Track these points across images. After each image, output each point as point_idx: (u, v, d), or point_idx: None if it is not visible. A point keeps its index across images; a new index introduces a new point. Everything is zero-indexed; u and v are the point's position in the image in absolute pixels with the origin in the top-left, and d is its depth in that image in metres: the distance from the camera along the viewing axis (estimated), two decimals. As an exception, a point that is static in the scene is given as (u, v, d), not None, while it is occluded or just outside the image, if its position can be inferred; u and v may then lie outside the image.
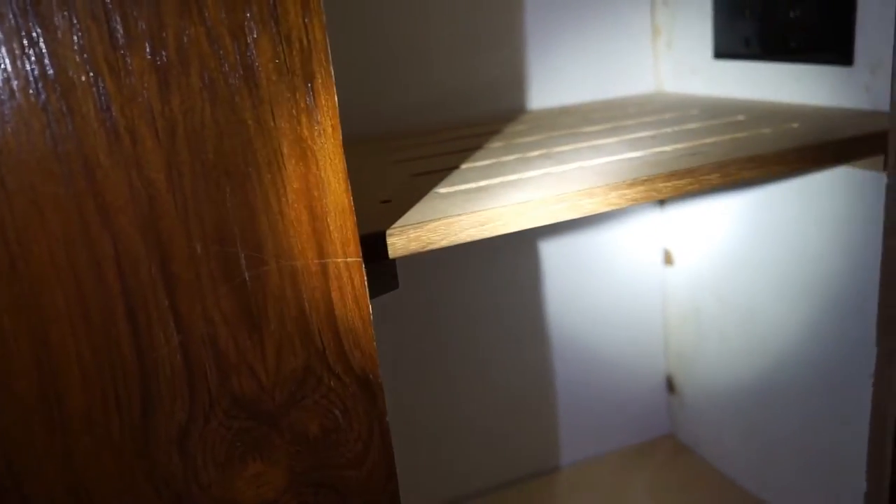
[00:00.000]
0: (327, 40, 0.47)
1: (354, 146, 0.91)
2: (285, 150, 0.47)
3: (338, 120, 0.48)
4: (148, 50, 0.44)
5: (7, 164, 0.42)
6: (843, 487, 0.89)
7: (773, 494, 1.03)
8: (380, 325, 0.55)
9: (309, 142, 0.48)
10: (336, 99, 0.48)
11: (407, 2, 0.96)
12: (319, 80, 0.47)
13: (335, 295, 0.51)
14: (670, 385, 1.22)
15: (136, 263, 0.46)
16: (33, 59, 0.42)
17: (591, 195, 0.62)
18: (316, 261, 0.50)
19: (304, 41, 0.46)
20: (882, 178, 0.75)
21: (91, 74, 0.43)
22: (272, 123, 0.47)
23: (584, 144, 0.80)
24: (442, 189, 0.66)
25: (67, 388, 0.46)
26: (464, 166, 0.75)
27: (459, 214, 0.58)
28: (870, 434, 0.82)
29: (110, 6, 0.42)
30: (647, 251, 1.16)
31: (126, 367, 0.47)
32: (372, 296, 0.53)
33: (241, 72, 0.46)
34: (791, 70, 0.89)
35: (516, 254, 1.08)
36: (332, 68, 0.48)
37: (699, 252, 1.09)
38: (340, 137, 0.49)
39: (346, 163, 0.49)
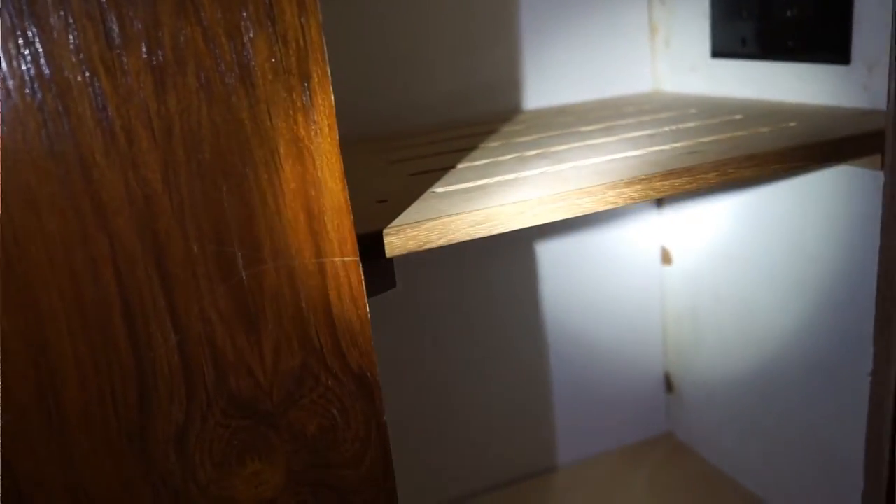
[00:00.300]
0: (323, 40, 0.47)
1: (351, 146, 0.91)
2: (282, 150, 0.47)
3: (334, 119, 0.48)
4: (144, 50, 0.44)
5: (3, 163, 0.42)
6: (841, 485, 0.89)
7: (772, 492, 1.03)
8: (377, 325, 0.55)
9: (305, 141, 0.48)
10: (332, 98, 0.48)
11: (404, 1, 0.96)
12: (316, 80, 0.47)
13: (332, 294, 0.51)
14: (668, 383, 1.22)
15: (133, 263, 0.46)
16: (29, 58, 0.42)
17: (588, 194, 0.62)
18: (313, 260, 0.50)
19: (301, 41, 0.46)
20: (879, 177, 0.75)
21: (87, 74, 0.43)
22: (269, 123, 0.47)
23: (582, 143, 0.80)
24: (439, 188, 0.66)
25: (64, 387, 0.46)
26: (461, 166, 0.75)
27: (457, 213, 0.58)
28: (868, 431, 0.82)
29: (106, 6, 0.42)
30: (644, 250, 1.16)
31: (123, 367, 0.47)
32: (369, 295, 0.53)
33: (238, 71, 0.46)
34: (789, 69, 0.89)
35: (514, 253, 1.08)
36: (328, 68, 0.48)
37: (697, 251, 1.09)
38: (337, 137, 0.49)
39: (343, 162, 0.49)
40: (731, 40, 0.97)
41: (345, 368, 0.52)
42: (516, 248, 1.08)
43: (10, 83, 0.41)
